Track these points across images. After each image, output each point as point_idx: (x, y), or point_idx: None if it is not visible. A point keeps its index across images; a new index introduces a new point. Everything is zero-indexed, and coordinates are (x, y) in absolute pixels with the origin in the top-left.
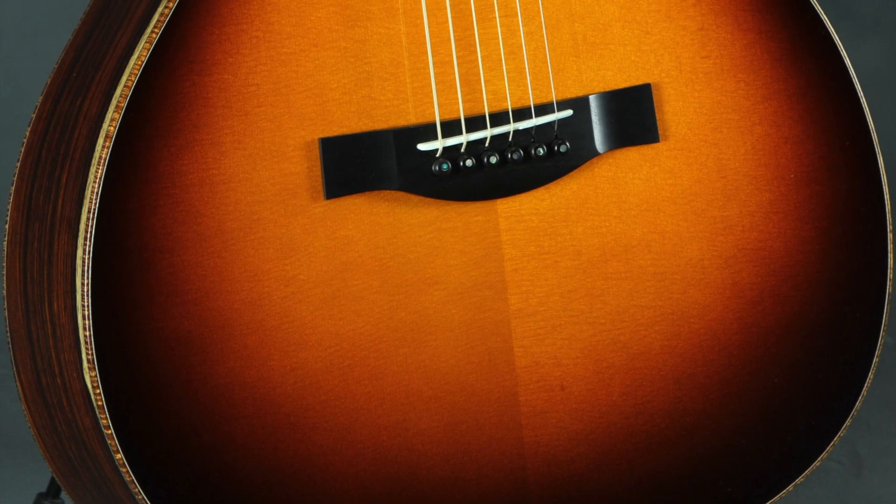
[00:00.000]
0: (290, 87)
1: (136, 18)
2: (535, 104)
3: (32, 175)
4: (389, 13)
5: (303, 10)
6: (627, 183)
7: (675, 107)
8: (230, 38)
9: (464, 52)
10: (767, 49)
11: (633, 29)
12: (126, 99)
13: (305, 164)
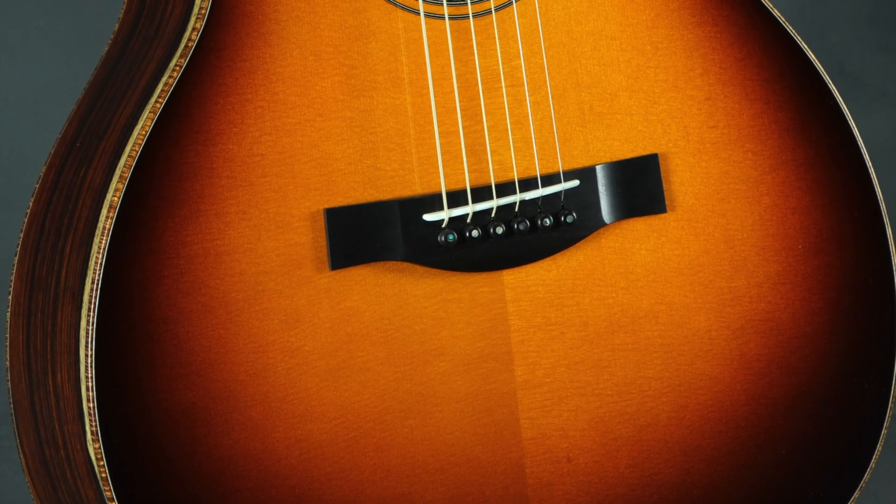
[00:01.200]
0: (295, 157)
1: (139, 88)
2: (542, 174)
3: (36, 246)
4: (395, 83)
5: (308, 80)
6: (634, 254)
7: (683, 177)
8: (235, 108)
9: (470, 121)
10: (775, 119)
11: (641, 99)
12: (130, 169)
13: (310, 235)
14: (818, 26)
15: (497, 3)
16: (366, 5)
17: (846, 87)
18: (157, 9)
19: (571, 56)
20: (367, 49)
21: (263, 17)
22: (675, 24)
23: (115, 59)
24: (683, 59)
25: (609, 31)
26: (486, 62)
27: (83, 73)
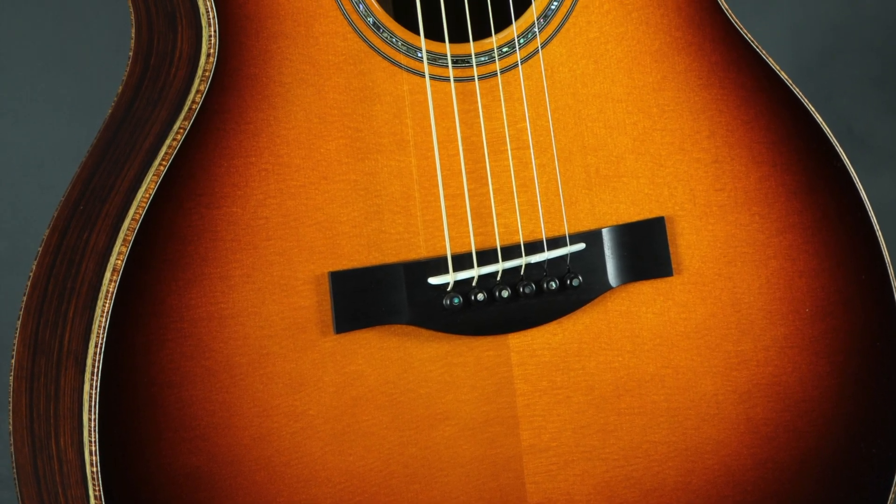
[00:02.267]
0: (299, 221)
1: (143, 151)
2: (548, 237)
3: (39, 309)
4: (400, 146)
5: (312, 143)
6: (641, 317)
7: (689, 240)
8: (239, 171)
9: (475, 184)
10: (783, 182)
11: (647, 161)
12: (133, 232)
13: (315, 298)
14: (826, 89)
15: (503, 65)
16: (371, 68)
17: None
18: (161, 71)
19: (577, 118)
20: (371, 112)
21: (268, 80)
22: (682, 86)
23: (118, 121)
24: (690, 121)
25: (615, 93)
26: (492, 125)
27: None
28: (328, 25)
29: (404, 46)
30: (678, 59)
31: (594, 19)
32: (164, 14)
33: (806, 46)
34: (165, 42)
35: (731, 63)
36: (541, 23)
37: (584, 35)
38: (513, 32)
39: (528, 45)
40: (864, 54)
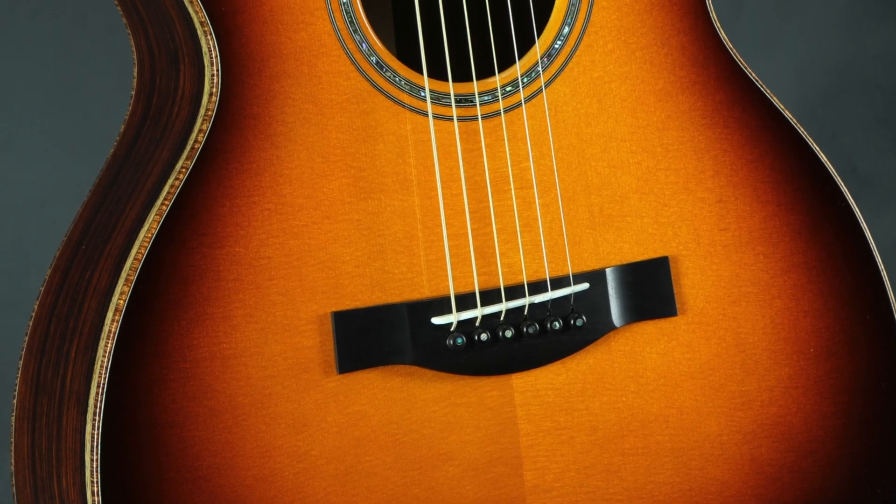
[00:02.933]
0: (302, 260)
1: (145, 190)
2: (552, 277)
3: (41, 349)
4: (403, 185)
5: (315, 182)
6: (645, 357)
7: (693, 280)
8: (241, 211)
9: (479, 224)
10: (787, 221)
11: (651, 201)
12: (136, 272)
13: (318, 338)
14: (830, 127)
15: (506, 104)
16: (374, 107)
17: (858, 188)
18: (164, 111)
19: (581, 158)
20: (375, 151)
21: (270, 119)
22: (686, 125)
23: (120, 160)
24: (694, 160)
25: (619, 132)
26: (496, 164)
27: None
28: (331, 65)
29: (407, 85)
30: (682, 98)
31: (598, 58)
32: (167, 53)
33: (810, 85)
34: (168, 81)
35: (736, 102)
36: (544, 62)
37: (588, 74)
38: (516, 71)
39: (532, 84)
40: (868, 93)
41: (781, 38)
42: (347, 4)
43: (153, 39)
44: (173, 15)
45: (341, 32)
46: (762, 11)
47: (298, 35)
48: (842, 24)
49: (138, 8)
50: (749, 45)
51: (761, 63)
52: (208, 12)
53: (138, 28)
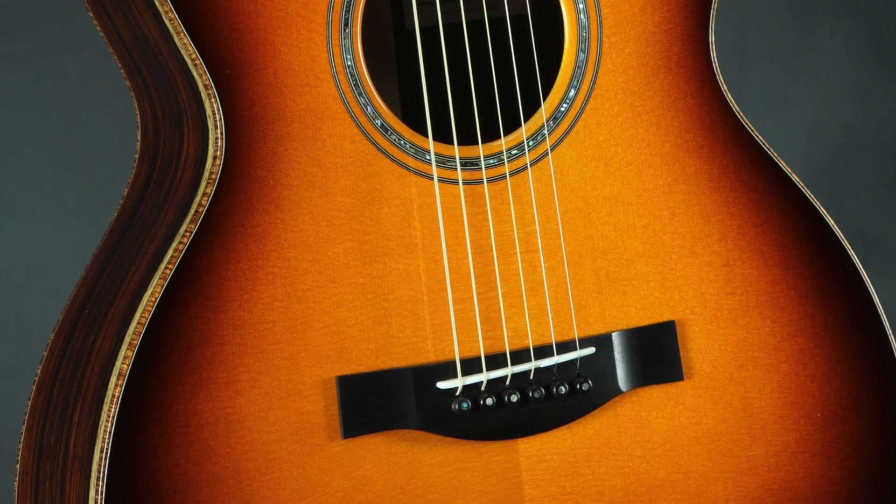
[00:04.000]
0: (306, 325)
1: (149, 254)
2: (557, 341)
3: (44, 414)
4: (408, 249)
5: (320, 246)
6: (651, 422)
7: (700, 344)
8: (245, 274)
9: (484, 288)
10: (794, 285)
11: (657, 265)
12: (140, 336)
13: (322, 403)
14: (838, 191)
15: (512, 167)
16: (379, 170)
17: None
18: (167, 174)
19: (587, 221)
20: (379, 214)
21: (275, 182)
22: (693, 189)
23: (124, 224)
24: (701, 224)
25: (625, 196)
26: (501, 227)
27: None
28: (336, 128)
29: (413, 149)
30: (689, 161)
31: (604, 121)
32: (171, 116)
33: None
34: (172, 144)
35: (743, 165)
36: (550, 125)
37: (594, 137)
38: (522, 135)
39: (538, 148)
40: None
41: (789, 101)
42: (352, 67)
43: (157, 103)
44: (177, 78)
45: (346, 95)
46: (770, 74)
47: (303, 98)
48: (849, 87)
49: (142, 71)
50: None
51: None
52: (212, 75)
53: (142, 91)
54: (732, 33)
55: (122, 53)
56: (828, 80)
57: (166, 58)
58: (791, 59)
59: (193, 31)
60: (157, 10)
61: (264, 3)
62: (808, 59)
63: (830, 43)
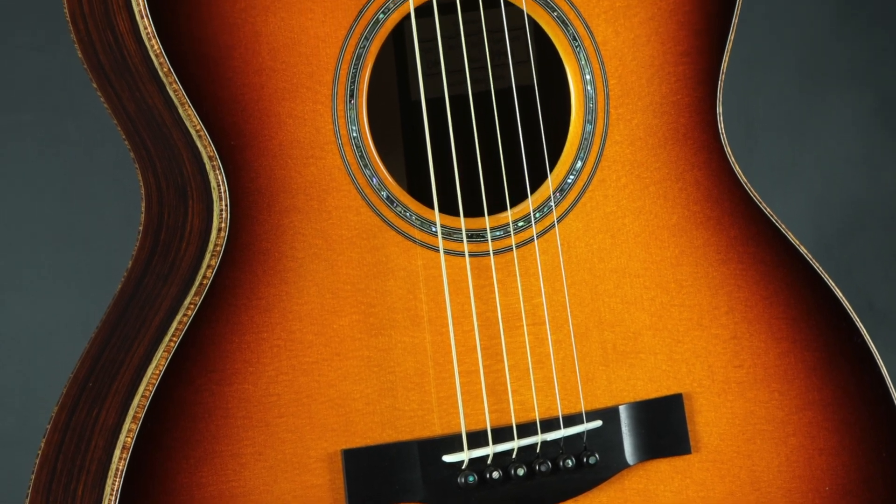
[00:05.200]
0: (311, 398)
1: (153, 327)
2: (564, 415)
3: (48, 488)
4: (414, 321)
5: (325, 319)
6: (658, 496)
7: (708, 417)
8: (250, 347)
9: (490, 360)
10: (802, 358)
11: (664, 337)
12: (144, 409)
13: (328, 476)
14: (846, 263)
15: (518, 239)
16: (384, 242)
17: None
18: (172, 246)
19: (594, 294)
20: (385, 287)
21: (280, 255)
22: (700, 261)
23: (128, 296)
24: (708, 296)
25: (632, 268)
26: (507, 300)
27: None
28: (341, 199)
29: (418, 220)
30: (696, 233)
31: (611, 193)
32: (175, 188)
33: (826, 220)
34: (176, 216)
35: (751, 238)
36: (557, 197)
37: (601, 209)
38: (528, 207)
39: (544, 220)
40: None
41: (797, 172)
42: (357, 139)
43: (161, 174)
44: (181, 149)
45: (352, 167)
46: (777, 146)
47: (308, 170)
48: (858, 158)
49: (146, 142)
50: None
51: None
52: (217, 147)
53: (146, 163)
54: (740, 104)
55: (125, 124)
56: (836, 150)
57: (170, 129)
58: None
59: (198, 102)
60: (162, 81)
61: (269, 74)
62: (817, 130)
63: (839, 113)
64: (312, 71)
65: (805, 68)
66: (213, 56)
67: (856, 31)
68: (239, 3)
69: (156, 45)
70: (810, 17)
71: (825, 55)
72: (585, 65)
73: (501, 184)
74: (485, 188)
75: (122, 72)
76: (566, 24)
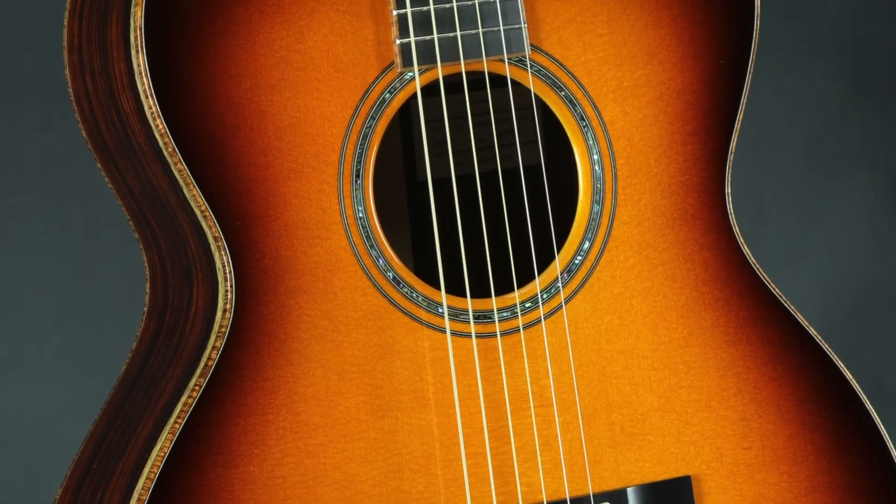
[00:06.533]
0: (317, 479)
1: (158, 409)
2: (572, 497)
3: None
4: (420, 403)
5: (331, 400)
6: None
7: (716, 499)
8: (256, 429)
9: (497, 442)
10: (811, 440)
11: (673, 419)
12: (148, 492)
13: None
14: (855, 345)
15: (525, 321)
16: (390, 323)
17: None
18: (176, 328)
19: (602, 375)
20: (391, 368)
21: (285, 336)
22: (709, 342)
23: (133, 377)
24: (717, 378)
25: (641, 349)
26: (515, 381)
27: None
28: (347, 280)
29: (425, 302)
30: (705, 314)
31: (619, 274)
32: (180, 268)
33: (835, 301)
34: (181, 297)
35: (759, 319)
36: (564, 278)
37: (609, 290)
38: (536, 288)
39: (552, 301)
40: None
41: (806, 252)
42: (364, 219)
43: (166, 255)
44: (186, 230)
45: (357, 248)
46: (786, 226)
47: (314, 250)
48: (867, 239)
49: (151, 223)
50: (773, 259)
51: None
52: (222, 227)
53: (151, 243)
54: (749, 184)
55: (130, 205)
56: (845, 231)
57: (175, 209)
58: (808, 210)
59: (203, 182)
60: (167, 161)
61: (274, 154)
62: (826, 211)
63: (848, 194)
64: (318, 151)
65: (814, 148)
66: (219, 136)
67: (865, 112)
68: (244, 82)
69: (160, 125)
70: (819, 98)
71: (834, 136)
72: (593, 145)
73: (509, 264)
74: (492, 269)
75: (126, 152)
76: (574, 103)
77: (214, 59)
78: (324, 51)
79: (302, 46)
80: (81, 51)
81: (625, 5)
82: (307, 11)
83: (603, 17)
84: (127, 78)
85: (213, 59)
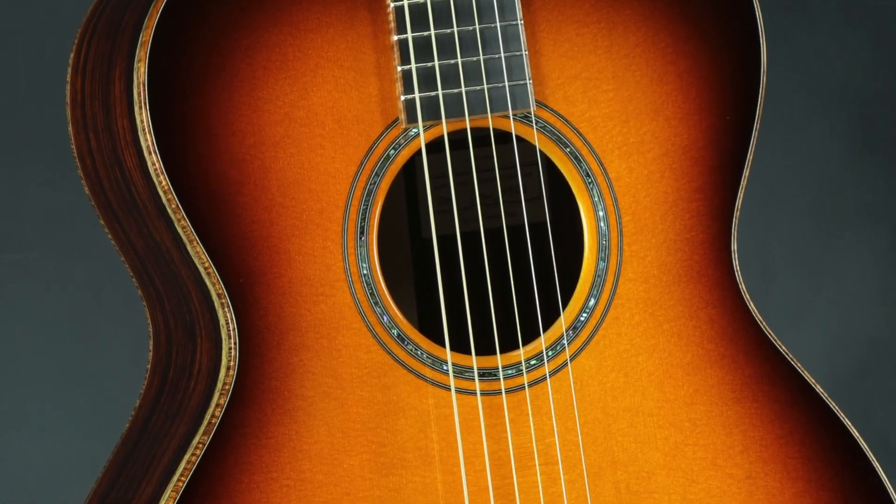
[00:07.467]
0: None
1: (161, 466)
2: None
3: None
4: (425, 461)
5: (335, 458)
6: None
7: None
8: (260, 487)
9: (502, 500)
10: (818, 498)
11: (679, 477)
12: None
13: None
14: (863, 403)
15: (530, 378)
16: (395, 381)
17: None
18: (180, 385)
19: (607, 433)
20: (396, 426)
21: (289, 394)
22: (715, 400)
23: (136, 435)
24: (723, 436)
25: (646, 407)
26: (520, 439)
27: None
28: (351, 338)
29: (429, 359)
30: (711, 371)
31: (624, 331)
32: (183, 326)
33: (842, 359)
34: (184, 354)
35: (765, 376)
36: (570, 335)
37: (615, 347)
38: (541, 345)
39: (557, 358)
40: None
41: (813, 310)
42: (368, 276)
43: (169, 312)
44: (190, 287)
45: (362, 305)
46: (793, 283)
47: (318, 307)
48: (875, 296)
49: (154, 280)
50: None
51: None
52: (225, 284)
53: (154, 300)
54: (755, 241)
55: (133, 262)
56: (852, 288)
57: (179, 266)
58: (815, 267)
59: (206, 239)
60: (170, 217)
61: (279, 210)
62: (833, 268)
63: (855, 251)
64: (322, 207)
65: (820, 205)
66: (223, 192)
67: (871, 168)
68: (248, 138)
69: (164, 182)
70: (825, 154)
71: (841, 192)
72: (598, 201)
73: (514, 321)
74: (497, 326)
75: (129, 208)
76: (579, 160)
77: (218, 116)
78: (328, 107)
79: (306, 103)
80: (84, 107)
81: (630, 61)
82: (311, 67)
83: (608, 73)
84: (130, 134)
85: (217, 115)
